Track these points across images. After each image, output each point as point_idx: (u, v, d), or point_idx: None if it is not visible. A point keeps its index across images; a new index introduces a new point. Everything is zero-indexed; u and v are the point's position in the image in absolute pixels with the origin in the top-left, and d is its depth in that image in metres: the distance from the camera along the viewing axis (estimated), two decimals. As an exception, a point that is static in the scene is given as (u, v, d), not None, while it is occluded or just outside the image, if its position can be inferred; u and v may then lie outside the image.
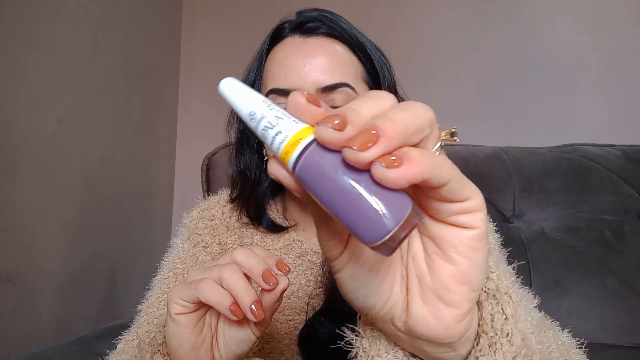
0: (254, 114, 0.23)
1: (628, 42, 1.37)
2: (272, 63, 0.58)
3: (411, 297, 0.25)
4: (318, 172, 0.20)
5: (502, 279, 0.28)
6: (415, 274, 0.25)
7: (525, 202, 1.04)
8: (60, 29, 1.07)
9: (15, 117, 0.95)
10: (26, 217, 0.98)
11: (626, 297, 0.92)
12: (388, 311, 0.26)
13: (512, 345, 0.26)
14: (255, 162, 0.64)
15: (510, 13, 1.45)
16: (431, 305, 0.24)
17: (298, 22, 0.58)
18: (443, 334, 0.24)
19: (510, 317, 0.27)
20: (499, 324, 0.26)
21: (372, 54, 0.59)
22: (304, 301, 0.60)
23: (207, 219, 0.66)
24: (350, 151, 0.19)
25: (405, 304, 0.25)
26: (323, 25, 0.57)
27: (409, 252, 0.26)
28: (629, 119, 1.36)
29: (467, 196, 0.22)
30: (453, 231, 0.23)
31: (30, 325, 0.99)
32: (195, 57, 1.66)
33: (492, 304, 0.27)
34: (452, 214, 0.23)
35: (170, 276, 0.61)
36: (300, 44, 0.56)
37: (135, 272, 1.36)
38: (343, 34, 0.57)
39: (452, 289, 0.23)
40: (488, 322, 0.27)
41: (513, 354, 0.26)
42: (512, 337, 0.26)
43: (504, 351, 0.26)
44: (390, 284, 0.26)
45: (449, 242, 0.23)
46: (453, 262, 0.23)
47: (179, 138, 1.66)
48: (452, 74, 1.47)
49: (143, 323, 0.57)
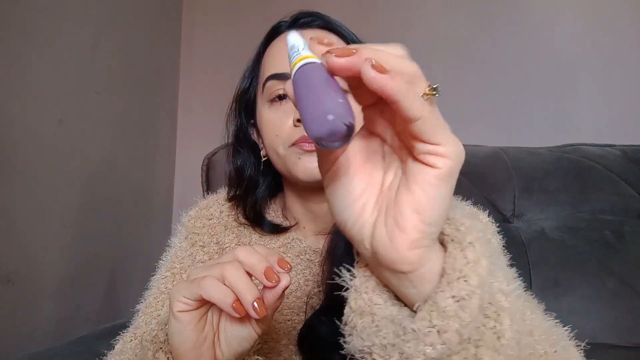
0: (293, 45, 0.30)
1: (628, 42, 1.37)
2: (269, 54, 0.61)
3: (378, 221, 0.29)
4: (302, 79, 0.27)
5: (471, 233, 0.30)
6: (385, 201, 0.29)
7: (525, 202, 1.04)
8: (60, 29, 1.07)
9: (15, 117, 0.95)
10: (26, 217, 0.98)
11: (626, 297, 0.92)
12: (359, 230, 0.30)
13: (468, 285, 0.28)
14: (253, 163, 0.65)
15: (510, 13, 1.45)
16: (389, 228, 0.28)
17: (293, 19, 0.62)
18: (395, 257, 0.28)
19: (471, 261, 0.29)
20: (458, 265, 0.29)
21: None
22: (303, 301, 0.60)
23: (205, 218, 0.66)
24: (329, 56, 0.26)
25: (373, 228, 0.29)
26: (318, 19, 0.61)
27: (384, 183, 0.30)
28: (629, 119, 1.36)
29: (437, 141, 0.26)
30: (419, 167, 0.27)
31: (30, 325, 0.99)
32: (195, 58, 1.66)
33: (456, 248, 0.30)
34: (422, 153, 0.26)
35: (168, 276, 0.61)
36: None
37: (135, 272, 1.36)
38: (337, 28, 0.61)
39: (405, 215, 0.27)
40: (450, 263, 0.29)
41: (468, 291, 0.28)
42: (469, 278, 0.28)
43: (459, 288, 0.28)
44: (361, 205, 0.30)
45: (413, 175, 0.27)
46: (411, 192, 0.27)
47: (179, 138, 1.65)
48: (452, 74, 1.47)
49: (141, 323, 0.57)
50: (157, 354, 0.40)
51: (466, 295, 0.28)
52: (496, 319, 0.29)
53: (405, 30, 1.50)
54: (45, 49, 1.03)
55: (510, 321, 0.30)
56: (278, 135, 0.58)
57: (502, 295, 0.30)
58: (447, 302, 0.28)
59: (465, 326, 0.28)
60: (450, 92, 1.47)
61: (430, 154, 0.26)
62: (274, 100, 0.59)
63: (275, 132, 0.59)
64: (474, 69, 1.46)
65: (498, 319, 0.30)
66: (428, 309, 0.28)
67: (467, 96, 1.45)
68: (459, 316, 0.28)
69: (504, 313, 0.30)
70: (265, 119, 0.61)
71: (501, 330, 0.29)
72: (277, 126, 0.59)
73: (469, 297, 0.28)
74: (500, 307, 0.30)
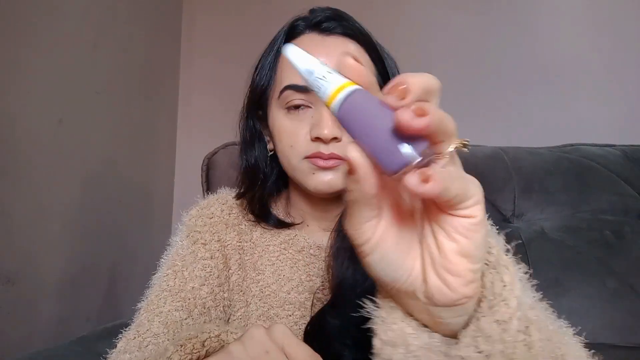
0: (310, 71, 0.29)
1: (628, 42, 1.37)
2: (286, 60, 0.59)
3: (427, 271, 0.29)
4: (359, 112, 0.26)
5: (501, 255, 0.32)
6: (427, 252, 0.29)
7: (525, 202, 1.04)
8: (60, 29, 1.07)
9: (15, 117, 0.95)
10: (26, 217, 0.98)
11: (626, 297, 0.92)
12: (411, 284, 0.30)
13: (509, 308, 0.30)
14: (264, 158, 0.65)
15: (510, 13, 1.45)
16: (441, 276, 0.28)
17: (316, 21, 0.60)
18: (454, 297, 0.29)
19: (507, 284, 0.31)
20: (497, 289, 0.30)
21: (383, 55, 0.61)
22: (304, 296, 0.60)
23: (206, 217, 0.66)
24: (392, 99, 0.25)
25: (423, 277, 0.29)
26: (339, 25, 0.59)
27: (423, 234, 0.30)
28: (629, 119, 1.36)
29: (469, 199, 0.27)
30: (455, 219, 0.27)
31: (30, 325, 0.99)
32: (195, 57, 1.66)
33: (492, 272, 0.31)
34: (455, 211, 0.27)
35: (169, 273, 0.61)
36: (319, 42, 0.58)
37: (135, 272, 1.36)
38: (357, 34, 0.59)
39: (455, 262, 0.28)
40: (489, 288, 0.31)
41: (509, 315, 0.30)
42: (509, 300, 0.30)
43: (502, 312, 0.30)
44: (412, 261, 0.30)
45: (452, 226, 0.28)
46: (455, 241, 0.28)
47: (179, 138, 1.65)
48: (452, 74, 1.47)
49: (143, 321, 0.57)
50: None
51: (508, 319, 0.30)
52: (525, 332, 0.31)
53: (405, 30, 1.50)
54: (45, 49, 1.03)
55: (538, 332, 0.31)
56: (292, 146, 0.58)
57: (530, 309, 0.32)
58: (492, 327, 0.29)
59: (508, 347, 0.29)
60: (450, 92, 1.47)
61: (466, 209, 0.27)
62: (290, 108, 0.58)
63: (290, 142, 0.58)
64: (474, 69, 1.46)
65: (527, 331, 0.31)
66: (473, 335, 0.30)
67: (467, 96, 1.45)
68: (502, 339, 0.29)
69: (532, 326, 0.31)
70: (279, 125, 0.60)
71: (531, 342, 0.31)
72: (292, 136, 0.58)
73: (510, 319, 0.30)
74: (529, 320, 0.31)
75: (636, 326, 0.91)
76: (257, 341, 0.37)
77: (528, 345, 0.31)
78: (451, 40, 1.48)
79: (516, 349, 0.30)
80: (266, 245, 0.64)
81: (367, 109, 0.26)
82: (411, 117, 0.24)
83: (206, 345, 0.41)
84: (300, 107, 0.58)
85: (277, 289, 0.61)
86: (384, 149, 0.25)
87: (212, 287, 0.61)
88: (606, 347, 0.87)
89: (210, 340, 0.41)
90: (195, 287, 0.60)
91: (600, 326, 0.90)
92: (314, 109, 0.57)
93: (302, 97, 0.57)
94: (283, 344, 0.37)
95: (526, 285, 0.34)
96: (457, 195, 0.26)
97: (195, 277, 0.60)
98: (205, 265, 0.62)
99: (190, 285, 0.60)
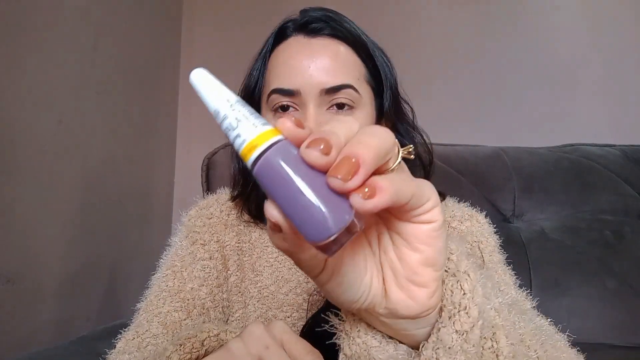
0: (217, 112, 0.25)
1: (628, 42, 1.37)
2: (276, 62, 0.58)
3: (388, 285, 0.28)
4: (274, 175, 0.23)
5: (461, 259, 0.31)
6: (388, 265, 0.28)
7: (525, 202, 1.04)
8: (60, 29, 1.07)
9: (15, 117, 0.95)
10: (26, 217, 0.98)
11: (626, 297, 0.92)
12: (371, 301, 0.29)
13: (469, 317, 0.29)
14: None
15: (510, 13, 1.45)
16: (405, 288, 0.28)
17: (302, 22, 0.58)
18: (419, 310, 0.28)
19: (467, 292, 0.29)
20: (457, 298, 0.29)
21: (374, 54, 0.59)
22: (302, 298, 0.60)
23: (205, 217, 0.66)
24: (336, 181, 0.22)
25: (384, 292, 0.29)
26: (327, 26, 0.57)
27: (380, 247, 0.29)
28: (629, 119, 1.36)
29: (425, 201, 0.26)
30: (416, 227, 0.26)
31: (30, 325, 0.99)
32: (195, 57, 1.66)
33: (451, 280, 0.30)
34: (414, 217, 0.26)
35: (168, 274, 0.61)
36: (305, 44, 0.57)
37: (135, 272, 1.36)
38: (346, 35, 0.58)
39: (420, 272, 0.27)
40: (448, 297, 0.30)
41: (470, 324, 0.29)
42: (469, 309, 0.29)
43: (462, 322, 0.29)
44: (369, 279, 0.28)
45: (413, 236, 0.27)
46: (418, 251, 0.27)
47: (179, 138, 1.66)
48: (452, 74, 1.47)
49: (143, 321, 0.57)
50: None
51: (468, 329, 0.29)
52: (492, 338, 0.30)
53: (405, 31, 1.50)
54: (45, 49, 1.03)
55: (505, 337, 0.30)
56: None
57: (495, 313, 0.31)
58: (451, 338, 0.29)
59: (471, 357, 0.29)
60: (450, 92, 1.47)
61: (425, 213, 0.26)
62: (277, 110, 0.58)
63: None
64: (474, 69, 1.46)
65: (494, 337, 0.30)
66: (433, 347, 0.29)
67: (467, 96, 1.46)
68: (464, 349, 0.28)
69: (499, 331, 0.30)
70: None
71: (499, 349, 0.30)
72: None
73: (471, 329, 0.29)
74: (495, 325, 0.31)
75: (636, 326, 0.91)
76: (257, 337, 0.37)
77: (495, 352, 0.30)
78: (451, 40, 1.48)
79: (483, 356, 0.30)
80: (265, 246, 0.64)
81: (288, 169, 0.23)
82: (361, 202, 0.22)
83: (205, 345, 0.41)
84: (288, 109, 0.56)
85: (276, 290, 0.61)
86: (307, 218, 0.22)
87: (211, 287, 0.61)
88: (606, 347, 0.87)
89: (209, 340, 0.41)
90: (194, 288, 0.60)
91: (600, 326, 0.90)
92: (300, 111, 0.56)
93: (288, 99, 0.56)
94: (282, 340, 0.37)
95: (491, 289, 0.33)
96: (412, 196, 0.24)
97: (194, 278, 0.60)
98: (204, 266, 0.62)
99: (190, 286, 0.60)
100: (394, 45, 0.66)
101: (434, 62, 1.48)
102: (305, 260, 0.27)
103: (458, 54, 1.47)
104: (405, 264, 0.27)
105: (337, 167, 0.23)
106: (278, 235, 0.26)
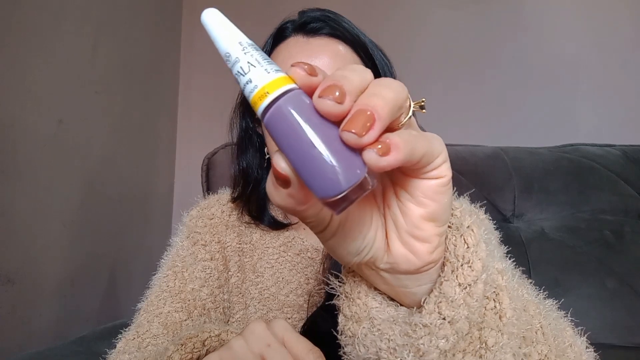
0: (229, 55, 0.23)
1: (628, 42, 1.37)
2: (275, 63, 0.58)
3: (390, 239, 0.28)
4: (285, 126, 0.22)
5: (465, 216, 0.30)
6: (391, 219, 0.28)
7: (525, 202, 1.04)
8: (60, 29, 1.07)
9: (15, 117, 0.95)
10: (26, 217, 0.98)
11: (626, 297, 0.92)
12: (372, 255, 0.28)
13: (473, 270, 0.28)
14: (258, 161, 0.64)
15: (510, 13, 1.45)
16: (407, 243, 0.27)
17: (301, 22, 0.59)
18: (420, 264, 0.28)
19: (471, 246, 0.29)
20: (460, 252, 0.29)
21: (373, 53, 0.59)
22: (303, 299, 0.60)
23: (206, 218, 0.66)
24: (350, 135, 0.21)
25: (386, 246, 0.28)
26: (326, 26, 0.57)
27: (384, 201, 0.28)
28: (629, 119, 1.36)
29: (436, 157, 0.25)
30: (423, 182, 0.26)
31: (30, 325, 0.99)
32: (195, 57, 1.66)
33: (455, 235, 0.29)
34: (423, 173, 0.25)
35: (169, 274, 0.61)
36: (304, 44, 0.57)
37: (135, 272, 1.36)
38: (345, 34, 0.58)
39: (422, 227, 0.27)
40: (451, 250, 0.29)
41: (474, 277, 0.28)
42: (473, 263, 0.28)
43: (465, 275, 0.28)
44: (373, 233, 0.28)
45: (420, 190, 0.26)
46: (423, 206, 0.26)
47: (179, 138, 1.66)
48: (452, 74, 1.47)
49: (143, 322, 0.58)
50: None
51: (472, 282, 0.28)
52: (495, 299, 0.30)
53: (406, 31, 1.50)
54: (45, 49, 1.03)
55: (509, 299, 0.30)
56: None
57: (499, 274, 0.30)
58: (454, 291, 0.28)
59: (474, 312, 0.28)
60: (450, 92, 1.47)
61: (434, 169, 0.25)
62: None
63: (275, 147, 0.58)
64: (474, 68, 1.46)
65: (497, 298, 0.30)
66: (435, 300, 0.28)
67: (467, 96, 1.46)
68: (467, 303, 0.28)
69: (502, 292, 0.30)
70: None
71: (502, 310, 0.29)
72: None
73: (474, 283, 0.28)
74: (498, 286, 0.30)
75: (636, 326, 0.91)
76: (258, 335, 0.37)
77: (498, 313, 0.29)
78: (451, 40, 1.48)
79: (485, 317, 0.29)
80: (265, 248, 0.64)
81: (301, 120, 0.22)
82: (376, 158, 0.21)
83: (206, 345, 0.41)
84: None
85: (276, 291, 0.61)
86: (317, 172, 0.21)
87: (212, 288, 0.61)
88: (606, 347, 0.87)
89: (210, 340, 0.41)
90: (195, 289, 0.60)
91: (599, 326, 0.90)
92: None
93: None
94: (284, 338, 0.37)
95: (496, 252, 0.32)
96: (424, 154, 0.24)
97: (195, 279, 0.60)
98: (205, 266, 0.62)
99: (190, 287, 0.60)
100: (393, 45, 0.66)
101: (433, 61, 1.48)
102: (311, 217, 0.26)
103: (458, 54, 1.47)
104: (408, 218, 0.27)
105: (352, 121, 0.21)
106: (282, 192, 0.24)
